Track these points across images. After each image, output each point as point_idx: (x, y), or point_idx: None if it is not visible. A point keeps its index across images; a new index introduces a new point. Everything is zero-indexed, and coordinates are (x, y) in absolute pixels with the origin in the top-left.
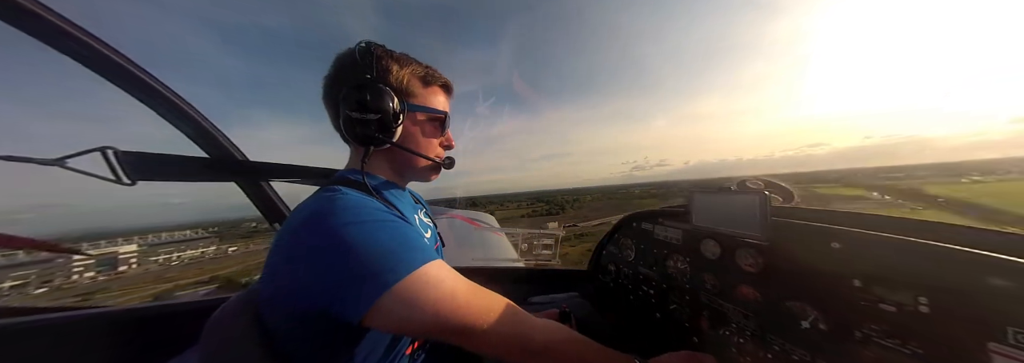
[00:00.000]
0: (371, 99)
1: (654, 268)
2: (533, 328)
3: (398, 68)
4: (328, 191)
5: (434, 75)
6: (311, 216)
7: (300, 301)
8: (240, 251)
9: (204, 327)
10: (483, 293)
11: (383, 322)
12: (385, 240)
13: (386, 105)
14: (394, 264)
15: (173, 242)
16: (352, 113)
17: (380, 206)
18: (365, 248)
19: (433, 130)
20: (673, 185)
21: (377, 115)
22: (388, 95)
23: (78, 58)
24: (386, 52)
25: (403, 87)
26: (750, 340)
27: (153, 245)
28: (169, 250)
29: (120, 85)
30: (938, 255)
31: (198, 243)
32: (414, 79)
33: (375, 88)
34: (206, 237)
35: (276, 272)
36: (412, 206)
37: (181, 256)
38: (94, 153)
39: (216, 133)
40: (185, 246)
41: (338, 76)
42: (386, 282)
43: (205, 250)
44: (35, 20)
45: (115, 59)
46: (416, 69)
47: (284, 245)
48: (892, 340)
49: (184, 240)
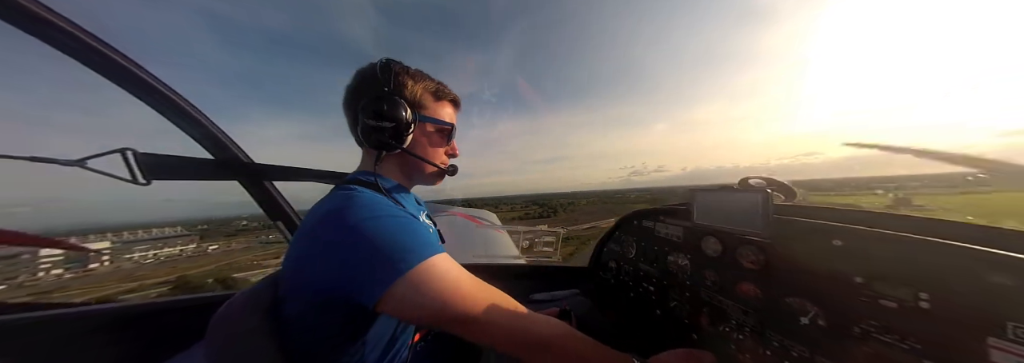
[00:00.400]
0: (387, 109)
1: (655, 265)
2: (534, 323)
3: (413, 83)
4: (344, 189)
5: (445, 91)
6: (331, 211)
7: (320, 290)
8: (220, 250)
9: (210, 322)
10: (486, 287)
11: (395, 307)
12: (398, 233)
13: (400, 115)
14: (406, 254)
15: (151, 240)
16: (369, 121)
17: (392, 204)
18: (381, 240)
19: (440, 140)
20: (669, 191)
21: (392, 124)
22: (402, 107)
23: (86, 62)
24: (403, 68)
25: (416, 100)
26: (750, 336)
27: (129, 242)
28: (145, 247)
29: (128, 89)
30: (939, 251)
31: (177, 241)
32: (426, 93)
33: (391, 100)
34: (186, 235)
35: (299, 264)
36: (416, 207)
37: (158, 254)
38: (114, 154)
39: (222, 136)
40: (163, 244)
41: (358, 87)
42: (400, 269)
43: (184, 248)
44: (46, 26)
45: (123, 63)
46: (428, 85)
47: (306, 238)
48: (891, 335)
49: (163, 237)
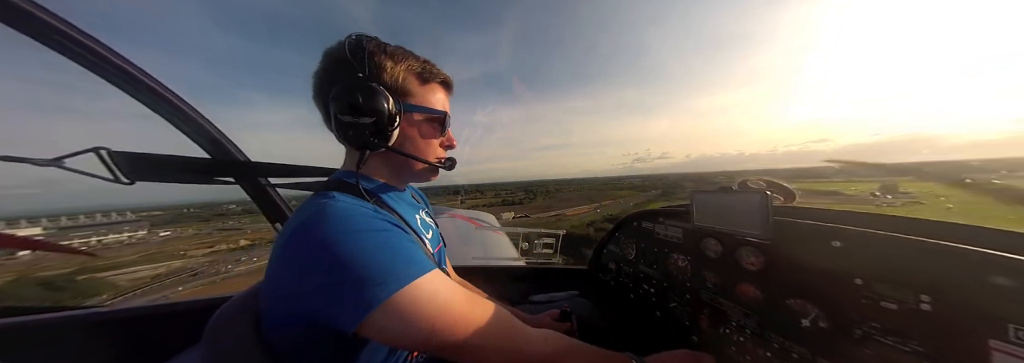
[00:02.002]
0: (364, 101)
1: (655, 266)
2: (529, 342)
3: (392, 64)
4: (321, 197)
5: (432, 71)
6: (301, 225)
7: (296, 309)
8: (172, 236)
9: (207, 326)
10: (479, 305)
11: (376, 334)
12: (375, 252)
13: (380, 107)
14: (384, 278)
15: (92, 226)
16: (343, 116)
17: (374, 214)
18: (354, 261)
19: (432, 131)
20: (659, 178)
21: (371, 118)
22: (382, 96)
23: (81, 61)
24: (379, 46)
25: (398, 86)
26: (750, 338)
27: (65, 229)
28: (85, 234)
29: (124, 88)
30: (940, 253)
31: (123, 226)
32: (410, 76)
33: (368, 88)
34: (135, 220)
35: (274, 278)
36: (412, 207)
37: (102, 240)
38: (89, 153)
39: (218, 135)
40: (107, 230)
41: (328, 74)
42: (378, 296)
43: (132, 234)
44: (34, 22)
45: (119, 63)
46: (412, 65)
47: (279, 252)
48: (892, 337)
49: (108, 223)
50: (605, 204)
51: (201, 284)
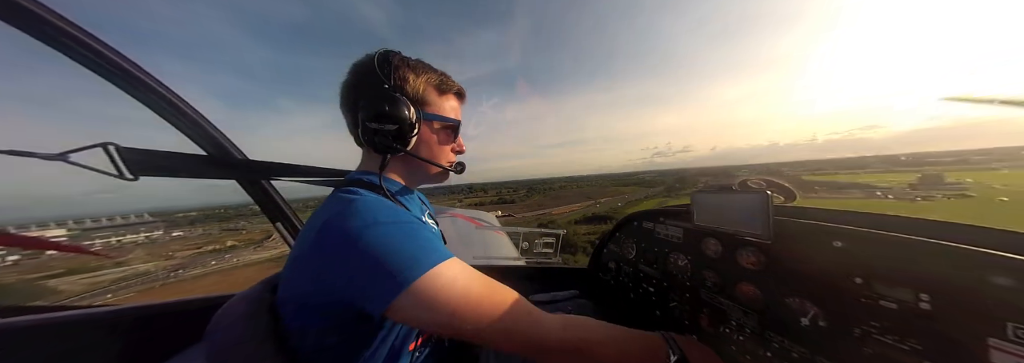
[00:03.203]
0: (389, 109)
1: (655, 266)
2: (548, 328)
3: (414, 77)
4: (345, 193)
5: (448, 83)
6: (332, 218)
7: (322, 298)
8: (183, 236)
9: (209, 324)
10: (497, 290)
11: (402, 317)
12: (402, 241)
13: (403, 115)
14: (411, 264)
15: (112, 227)
16: (371, 123)
17: (396, 208)
18: (383, 249)
19: (446, 137)
20: (674, 174)
21: (395, 125)
22: (405, 105)
23: (84, 62)
24: (403, 60)
25: (419, 96)
26: (750, 337)
27: (87, 230)
28: (106, 235)
29: (124, 88)
30: (940, 252)
31: (140, 227)
32: (430, 88)
33: (393, 99)
34: (151, 221)
35: (300, 271)
36: (420, 208)
37: (121, 241)
38: (96, 148)
39: (215, 133)
40: (126, 231)
41: (356, 84)
42: (404, 280)
43: (149, 235)
44: (39, 23)
45: (119, 61)
46: (431, 77)
47: (307, 245)
48: (892, 336)
49: (126, 224)
50: (601, 201)
51: (136, 291)
